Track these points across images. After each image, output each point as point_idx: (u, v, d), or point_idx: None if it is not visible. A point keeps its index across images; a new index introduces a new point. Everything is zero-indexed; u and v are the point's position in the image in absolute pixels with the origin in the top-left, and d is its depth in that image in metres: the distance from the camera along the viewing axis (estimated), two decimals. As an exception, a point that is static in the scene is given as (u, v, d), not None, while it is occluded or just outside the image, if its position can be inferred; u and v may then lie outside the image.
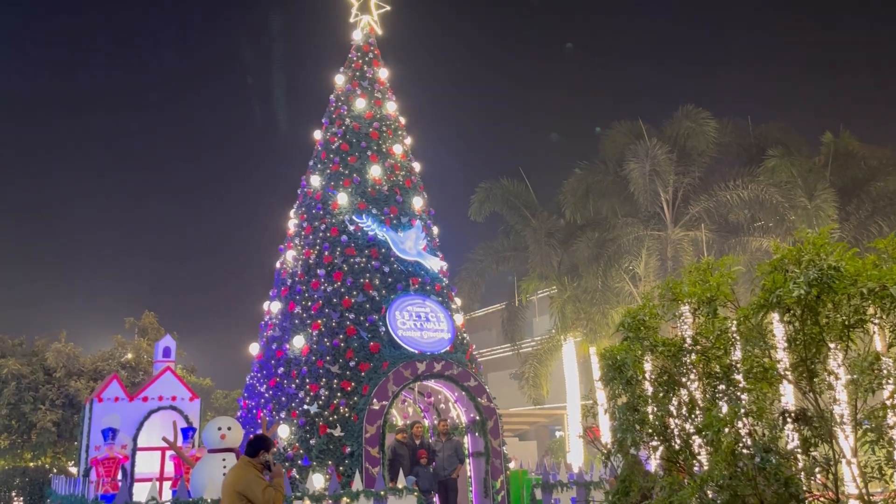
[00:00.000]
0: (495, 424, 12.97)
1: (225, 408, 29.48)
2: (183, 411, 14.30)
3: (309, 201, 14.70)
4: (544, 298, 30.16)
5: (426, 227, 14.64)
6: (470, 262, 25.13)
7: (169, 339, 16.30)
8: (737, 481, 3.08)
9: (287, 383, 12.84)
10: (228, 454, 9.99)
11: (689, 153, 22.31)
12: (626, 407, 3.69)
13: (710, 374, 3.61)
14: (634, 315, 3.81)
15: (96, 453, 13.10)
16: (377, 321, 12.88)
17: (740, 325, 3.48)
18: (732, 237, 21.29)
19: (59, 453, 18.81)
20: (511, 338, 25.93)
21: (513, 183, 24.96)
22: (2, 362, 18.23)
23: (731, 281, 3.66)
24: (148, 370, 19.59)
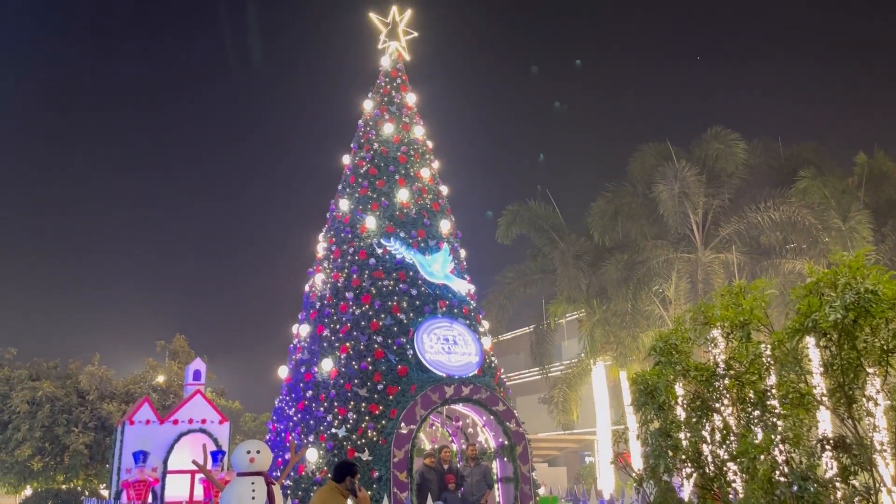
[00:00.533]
0: (524, 449, 12.83)
1: (253, 431, 29.59)
2: (212, 434, 14.41)
3: (337, 225, 14.81)
4: (573, 321, 29.93)
5: (454, 250, 14.66)
6: (497, 284, 25.07)
7: (199, 363, 16.45)
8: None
9: (315, 406, 12.86)
10: (257, 477, 9.97)
11: (718, 175, 22.12)
12: (658, 432, 3.63)
13: (744, 399, 3.54)
14: (666, 339, 3.76)
15: (127, 476, 13.23)
16: (405, 344, 12.87)
17: (775, 350, 3.41)
18: (764, 259, 20.99)
19: (91, 475, 18.98)
20: (539, 361, 25.71)
21: (540, 205, 24.92)
22: (37, 385, 18.51)
23: (764, 304, 3.60)
24: (178, 393, 19.76)
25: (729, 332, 3.60)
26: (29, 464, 18.02)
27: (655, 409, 3.58)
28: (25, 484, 18.83)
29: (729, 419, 3.59)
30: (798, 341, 3.20)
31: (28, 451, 17.64)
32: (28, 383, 18.58)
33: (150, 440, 13.85)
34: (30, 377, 19.20)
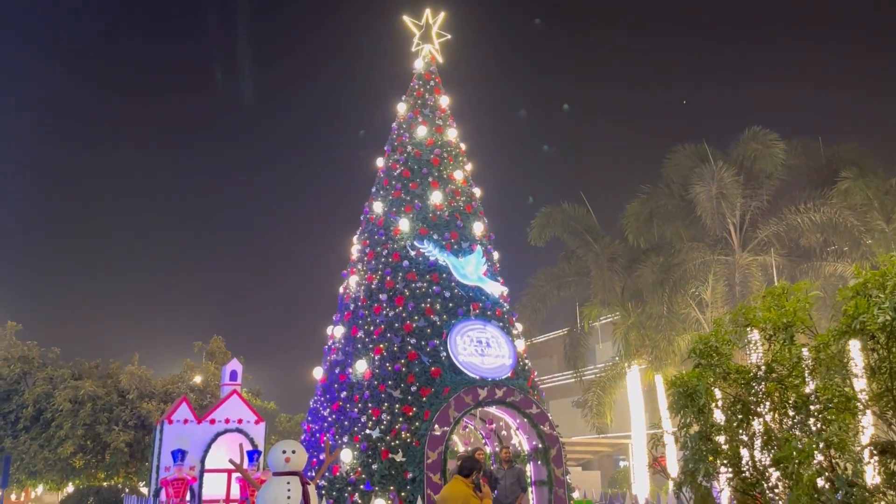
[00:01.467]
0: (558, 453, 12.74)
1: (288, 431, 29.88)
2: (248, 434, 14.57)
3: (371, 227, 14.89)
4: (607, 325, 29.65)
5: (487, 253, 14.63)
6: (531, 287, 24.92)
7: (235, 363, 16.66)
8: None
9: (350, 407, 12.93)
10: (293, 477, 10.06)
11: (756, 176, 21.73)
12: (697, 436, 3.57)
13: (786, 403, 3.46)
14: (706, 341, 3.69)
15: (166, 474, 13.44)
16: (438, 346, 12.87)
17: (819, 353, 3.33)
18: (804, 262, 20.56)
19: (132, 473, 19.34)
20: (573, 365, 25.51)
21: (573, 207, 24.72)
22: (79, 384, 18.91)
23: (808, 306, 3.51)
24: (215, 393, 20.04)
25: (771, 334, 3.52)
26: (71, 461, 18.42)
27: (695, 413, 3.52)
28: (67, 481, 19.26)
29: (771, 424, 3.51)
30: (844, 344, 3.13)
31: (70, 448, 18.03)
32: (70, 382, 19.01)
33: (187, 439, 14.06)
34: (72, 376, 19.65)
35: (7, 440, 18.61)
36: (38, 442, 18.45)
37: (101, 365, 21.12)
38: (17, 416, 18.85)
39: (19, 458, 18.31)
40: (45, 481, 19.26)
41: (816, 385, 3.33)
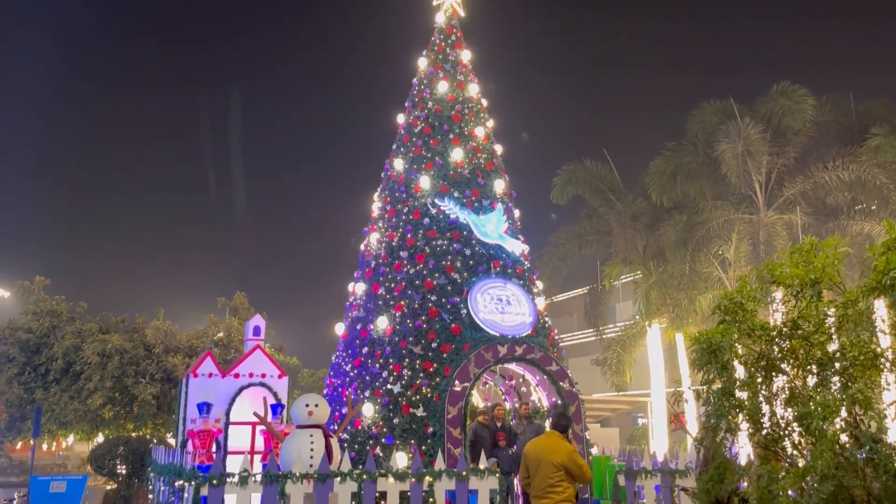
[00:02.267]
0: (577, 409, 12.84)
1: (311, 386, 30.39)
2: (272, 388, 14.80)
3: (392, 184, 14.86)
4: (628, 283, 29.57)
5: (508, 210, 14.56)
6: (552, 245, 24.86)
7: (259, 319, 16.86)
8: (843, 472, 2.92)
9: (371, 363, 13.09)
10: (316, 430, 10.27)
11: (783, 133, 21.30)
12: (720, 392, 3.56)
13: (811, 359, 3.43)
14: (731, 298, 3.65)
15: (192, 426, 13.74)
16: (459, 304, 12.93)
17: (847, 310, 3.29)
18: (830, 221, 20.26)
19: (159, 425, 19.84)
20: (594, 323, 25.57)
21: (596, 165, 24.46)
22: (106, 338, 19.32)
23: (837, 262, 3.45)
24: (239, 348, 20.37)
25: (798, 290, 3.48)
26: (100, 412, 18.92)
27: (718, 369, 3.50)
28: (97, 431, 19.83)
29: (796, 381, 3.49)
30: (872, 301, 3.08)
31: (99, 400, 18.50)
32: (98, 336, 19.42)
33: (212, 392, 14.32)
34: (100, 330, 20.07)
35: (38, 392, 19.12)
36: (69, 394, 18.96)
37: (127, 320, 21.54)
38: (47, 369, 19.35)
39: (50, 409, 18.84)
40: (75, 432, 19.84)
41: (842, 341, 3.29)
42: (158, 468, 12.99)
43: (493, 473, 10.46)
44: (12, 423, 19.26)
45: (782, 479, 3.18)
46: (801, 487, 2.99)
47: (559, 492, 6.31)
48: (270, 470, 9.43)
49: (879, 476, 2.90)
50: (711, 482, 3.63)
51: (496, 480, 10.39)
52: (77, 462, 28.93)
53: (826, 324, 3.43)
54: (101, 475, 18.54)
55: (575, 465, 6.38)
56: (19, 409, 19.20)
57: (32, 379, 19.42)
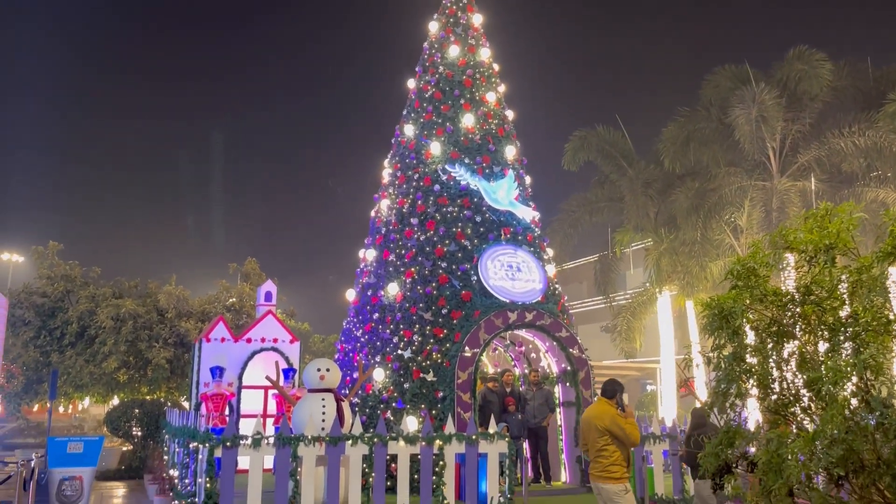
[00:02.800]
0: (587, 375, 12.92)
1: (322, 351, 30.66)
2: (284, 353, 14.97)
3: (402, 150, 14.79)
4: (639, 251, 29.49)
5: (518, 177, 14.49)
6: (563, 212, 24.74)
7: (270, 284, 16.98)
8: (853, 436, 2.93)
9: (382, 328, 13.18)
10: (327, 394, 10.39)
11: (799, 98, 20.97)
12: (731, 357, 3.56)
13: (824, 325, 3.42)
14: (744, 263, 3.63)
15: (205, 389, 13.94)
16: (469, 270, 12.95)
17: (861, 275, 3.27)
18: (845, 188, 20.04)
19: (173, 388, 20.14)
20: (604, 290, 25.56)
21: (608, 131, 24.21)
22: (120, 302, 19.52)
23: (852, 228, 3.42)
24: (251, 313, 20.53)
25: (812, 256, 3.45)
26: (115, 376, 19.21)
27: (729, 334, 3.50)
28: (112, 394, 20.16)
29: (806, 346, 3.49)
30: (887, 266, 3.05)
31: (114, 363, 18.76)
32: (112, 301, 19.62)
33: (225, 357, 14.49)
34: (113, 295, 20.27)
35: (54, 355, 19.41)
36: (84, 357, 19.23)
37: (139, 285, 21.74)
38: (62, 333, 19.61)
39: (66, 372, 19.13)
40: (91, 394, 20.18)
41: (855, 307, 3.27)
42: (173, 430, 13.20)
43: (503, 437, 10.58)
44: (29, 385, 19.59)
45: (791, 443, 3.20)
46: (811, 451, 3.01)
47: (606, 455, 6.61)
48: (283, 433, 9.57)
49: (889, 441, 2.91)
50: (720, 446, 3.66)
51: (505, 444, 10.51)
52: (93, 424, 29.47)
53: (839, 290, 3.42)
54: (117, 437, 18.87)
55: (618, 429, 6.61)
56: (36, 372, 19.51)
57: (48, 342, 19.69)
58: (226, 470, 9.11)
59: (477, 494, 10.23)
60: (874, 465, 2.99)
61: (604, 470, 6.62)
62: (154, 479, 13.97)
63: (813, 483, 3.03)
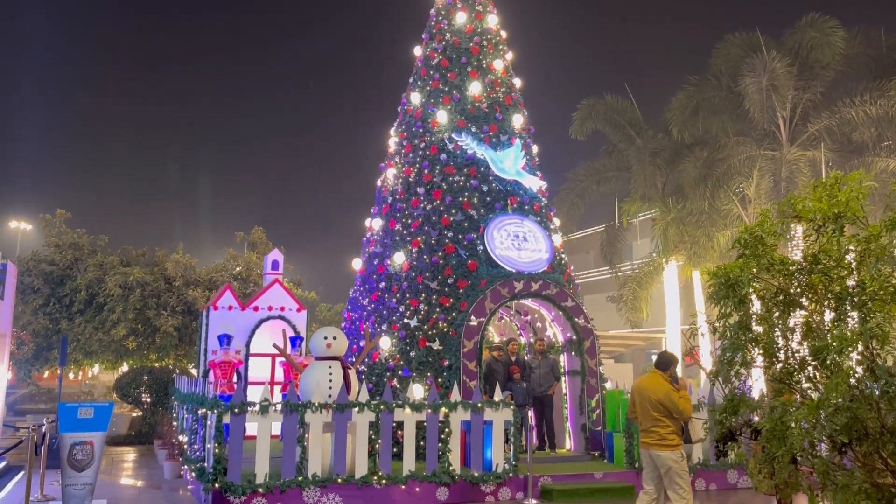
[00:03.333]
0: (592, 344, 12.97)
1: (329, 320, 30.81)
2: (291, 321, 15.07)
3: (409, 119, 14.69)
4: (645, 221, 29.41)
5: (525, 146, 14.40)
6: (570, 182, 24.65)
7: (277, 253, 17.02)
8: (857, 404, 2.94)
9: (388, 297, 13.23)
10: (334, 362, 10.48)
11: (811, 66, 20.71)
12: (737, 325, 3.57)
13: (830, 294, 3.41)
14: (752, 232, 3.61)
15: (213, 357, 14.07)
16: (475, 240, 12.95)
17: (870, 244, 3.25)
18: (855, 157, 19.87)
19: (181, 356, 20.31)
20: (610, 260, 25.57)
21: (617, 100, 24.00)
22: (128, 271, 19.60)
23: (862, 196, 3.40)
24: (258, 282, 20.62)
25: (820, 224, 3.43)
26: (124, 343, 19.38)
27: (735, 303, 3.50)
28: (122, 361, 20.36)
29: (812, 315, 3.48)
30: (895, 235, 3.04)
31: (123, 331, 18.91)
32: (120, 269, 19.70)
33: (232, 325, 14.60)
34: (121, 263, 20.35)
35: (63, 322, 19.56)
36: (93, 325, 19.37)
37: (147, 253, 21.81)
38: (71, 300, 19.74)
39: (75, 339, 19.30)
40: (100, 361, 20.38)
41: (862, 276, 3.26)
42: (181, 397, 13.36)
43: (508, 405, 10.67)
44: (39, 352, 19.79)
45: (796, 411, 3.21)
46: (815, 419, 3.02)
47: (663, 426, 6.91)
48: (290, 400, 9.68)
49: (894, 409, 2.92)
50: (724, 414, 3.68)
51: (510, 412, 10.61)
52: (103, 390, 29.85)
53: (847, 259, 3.40)
54: (127, 403, 19.11)
55: (671, 402, 6.85)
56: (45, 338, 19.69)
57: (57, 310, 19.84)
58: (234, 436, 9.23)
59: (482, 461, 10.36)
60: (878, 433, 3.01)
61: (661, 438, 6.91)
62: (163, 444, 14.18)
63: (816, 450, 3.05)
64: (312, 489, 9.38)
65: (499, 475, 10.28)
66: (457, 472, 10.13)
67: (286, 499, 9.27)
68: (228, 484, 9.03)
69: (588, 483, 10.80)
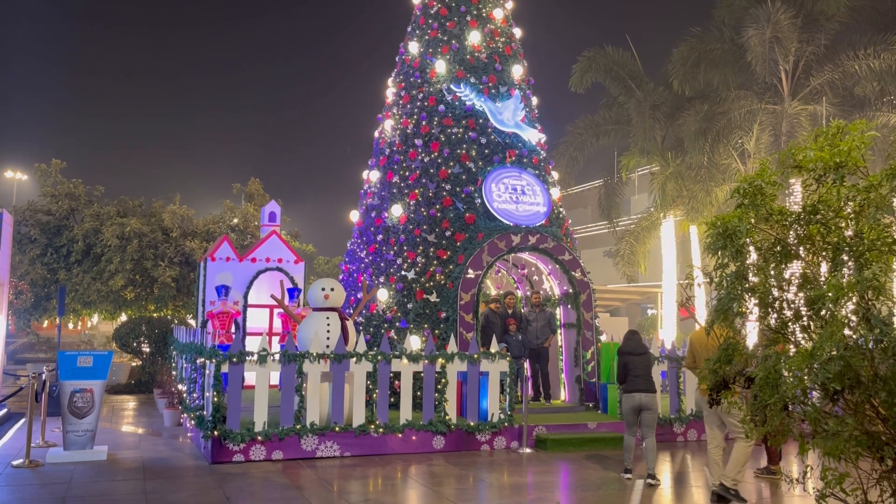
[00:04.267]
0: (588, 298, 13.04)
1: (327, 273, 30.90)
2: (288, 273, 15.10)
3: (407, 69, 14.49)
4: (644, 176, 29.32)
5: (525, 98, 14.23)
6: (569, 135, 24.47)
7: (274, 205, 16.97)
8: (851, 353, 2.97)
9: (385, 250, 13.24)
10: (332, 313, 10.54)
11: (816, 18, 20.36)
12: (734, 275, 3.57)
13: (828, 245, 3.41)
14: (751, 181, 3.59)
15: (211, 307, 14.13)
16: (473, 193, 12.90)
17: (870, 193, 3.23)
18: (856, 112, 19.69)
19: (179, 306, 20.41)
20: (608, 215, 25.55)
21: (618, 52, 23.67)
22: (124, 221, 19.54)
23: (864, 146, 3.36)
24: (255, 234, 20.60)
25: (821, 174, 3.41)
26: (122, 293, 19.44)
27: (732, 253, 3.50)
28: (120, 311, 20.46)
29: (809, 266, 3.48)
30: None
31: (121, 281, 18.95)
32: (116, 219, 19.63)
33: (230, 276, 14.62)
34: (117, 214, 20.28)
35: (61, 272, 19.59)
36: (91, 275, 19.39)
37: (144, 204, 21.74)
38: (68, 251, 19.73)
39: (73, 289, 19.35)
40: (99, 311, 20.47)
41: (861, 225, 3.25)
42: (180, 347, 13.46)
43: (504, 357, 10.78)
44: (38, 302, 19.87)
45: (789, 359, 3.24)
46: (808, 367, 3.05)
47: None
48: (288, 349, 9.76)
49: (887, 359, 2.95)
50: (718, 363, 3.71)
51: (506, 363, 10.73)
52: (102, 340, 30.08)
53: (846, 209, 3.39)
54: (126, 352, 19.28)
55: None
56: (43, 288, 19.75)
57: (54, 260, 19.85)
58: (232, 385, 9.33)
59: (478, 411, 10.51)
60: (870, 381, 3.04)
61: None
62: (163, 393, 14.35)
63: (808, 398, 3.09)
64: (310, 437, 9.53)
65: (494, 425, 10.44)
66: (453, 421, 10.29)
67: (284, 446, 9.42)
68: (227, 432, 9.16)
69: (582, 433, 10.98)
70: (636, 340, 8.92)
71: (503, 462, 9.67)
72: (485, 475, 8.88)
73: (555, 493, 8.07)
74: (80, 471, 8.63)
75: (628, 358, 8.70)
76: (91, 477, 8.35)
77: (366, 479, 8.53)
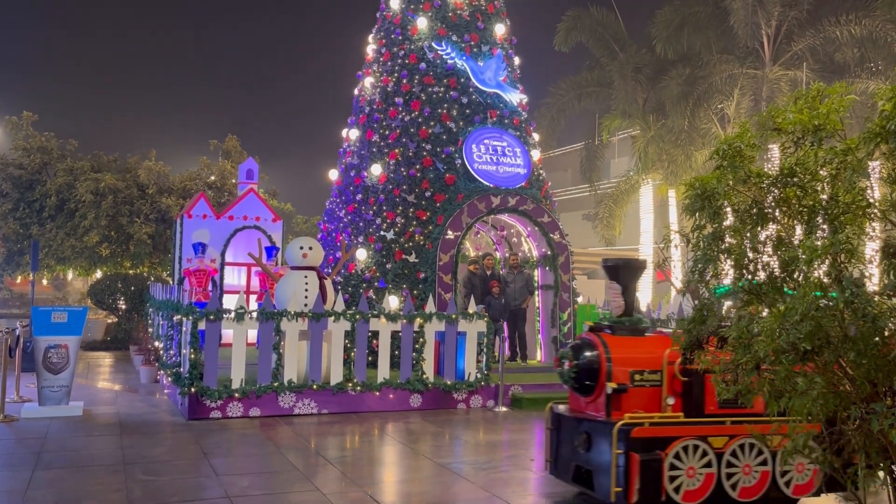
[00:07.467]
0: (566, 260, 13.12)
1: (305, 232, 30.66)
2: (266, 231, 14.99)
3: (388, 25, 14.24)
4: (624, 139, 29.33)
5: (507, 58, 14.09)
6: (551, 96, 24.33)
7: (252, 162, 16.75)
8: (822, 313, 3.02)
9: (365, 210, 13.17)
10: (310, 272, 10.51)
11: (800, -19, 20.29)
12: (711, 237, 3.60)
13: (804, 208, 3.44)
14: (731, 143, 3.59)
15: (188, 265, 14.03)
16: (453, 153, 12.84)
17: (847, 157, 3.26)
18: (836, 78, 19.71)
19: (155, 264, 20.19)
20: (588, 178, 25.59)
21: (602, 12, 23.49)
22: (99, 176, 19.17)
23: (843, 109, 3.37)
24: (232, 192, 20.35)
25: (800, 137, 3.42)
26: (97, 250, 19.18)
27: (710, 215, 3.52)
28: (95, 268, 20.20)
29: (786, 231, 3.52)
30: (874, 148, 3.04)
31: (96, 238, 18.67)
32: (91, 175, 19.24)
33: (207, 233, 14.50)
34: (92, 169, 19.88)
35: (34, 227, 19.25)
36: (65, 230, 19.08)
37: (119, 159, 21.30)
38: (41, 206, 19.34)
39: (47, 244, 19.04)
40: (73, 267, 20.21)
41: (836, 188, 3.28)
42: (157, 304, 13.37)
43: (481, 318, 10.85)
44: (10, 257, 19.55)
45: (762, 320, 3.29)
46: (780, 327, 3.10)
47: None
48: (266, 308, 9.74)
49: (857, 320, 3.00)
50: (693, 324, 3.77)
51: (483, 324, 10.81)
52: (77, 297, 29.79)
53: (822, 173, 3.41)
54: (102, 309, 19.11)
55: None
56: (16, 243, 19.42)
57: (27, 215, 19.49)
58: (210, 342, 9.32)
59: (455, 370, 10.61)
60: (840, 341, 3.10)
61: None
62: (139, 350, 14.30)
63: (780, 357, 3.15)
64: (288, 394, 9.58)
65: (471, 384, 10.56)
66: (430, 380, 10.39)
67: (262, 404, 9.46)
68: (204, 388, 9.18)
69: (557, 392, 11.12)
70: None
71: (479, 420, 9.81)
72: (461, 433, 9.00)
73: (529, 450, 8.21)
74: (55, 426, 8.62)
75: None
76: (67, 432, 8.34)
77: (343, 436, 8.61)
